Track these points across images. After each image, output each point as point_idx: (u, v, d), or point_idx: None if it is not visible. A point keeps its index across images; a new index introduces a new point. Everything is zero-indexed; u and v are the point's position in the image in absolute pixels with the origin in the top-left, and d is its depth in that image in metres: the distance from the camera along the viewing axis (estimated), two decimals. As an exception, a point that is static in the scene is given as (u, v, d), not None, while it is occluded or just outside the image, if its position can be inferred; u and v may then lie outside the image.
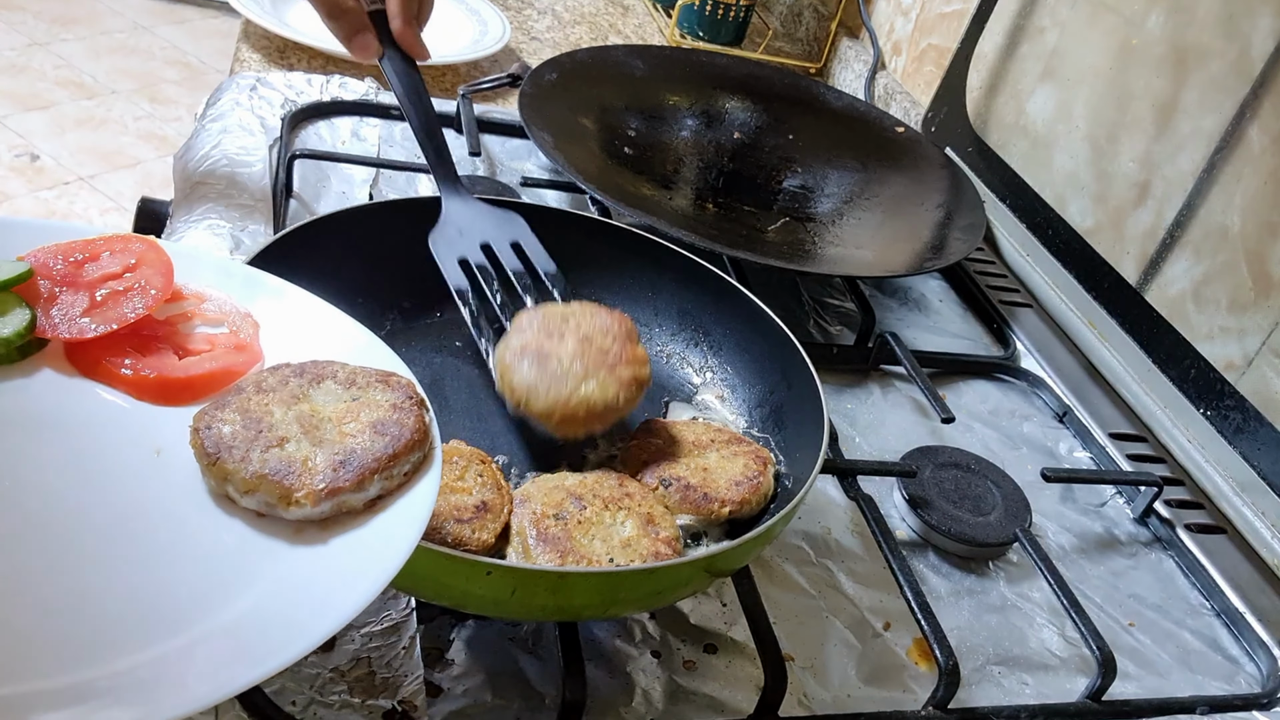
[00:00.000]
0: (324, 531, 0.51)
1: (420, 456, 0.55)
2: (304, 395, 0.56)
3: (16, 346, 0.56)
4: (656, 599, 0.64)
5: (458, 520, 0.61)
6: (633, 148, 1.16)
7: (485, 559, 0.55)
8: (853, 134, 1.27)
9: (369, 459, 0.52)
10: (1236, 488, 0.89)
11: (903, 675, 0.71)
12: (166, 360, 0.58)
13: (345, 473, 0.51)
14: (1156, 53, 1.02)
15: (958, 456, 0.87)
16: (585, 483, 0.67)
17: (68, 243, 0.61)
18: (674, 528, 0.65)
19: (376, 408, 0.55)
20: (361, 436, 0.53)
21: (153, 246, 0.62)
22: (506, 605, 0.57)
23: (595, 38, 1.55)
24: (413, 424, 0.55)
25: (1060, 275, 1.12)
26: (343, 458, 0.52)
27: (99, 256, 0.61)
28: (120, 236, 0.62)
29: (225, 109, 1.07)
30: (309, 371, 0.58)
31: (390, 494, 0.53)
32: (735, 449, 0.72)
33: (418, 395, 0.57)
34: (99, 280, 0.60)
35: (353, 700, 0.57)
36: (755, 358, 0.82)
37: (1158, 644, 0.79)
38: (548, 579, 0.57)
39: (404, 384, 0.58)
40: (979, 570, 0.81)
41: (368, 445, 0.53)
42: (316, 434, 0.54)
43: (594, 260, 0.86)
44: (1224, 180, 0.94)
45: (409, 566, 0.48)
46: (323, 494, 0.50)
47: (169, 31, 3.63)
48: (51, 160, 2.84)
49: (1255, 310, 0.89)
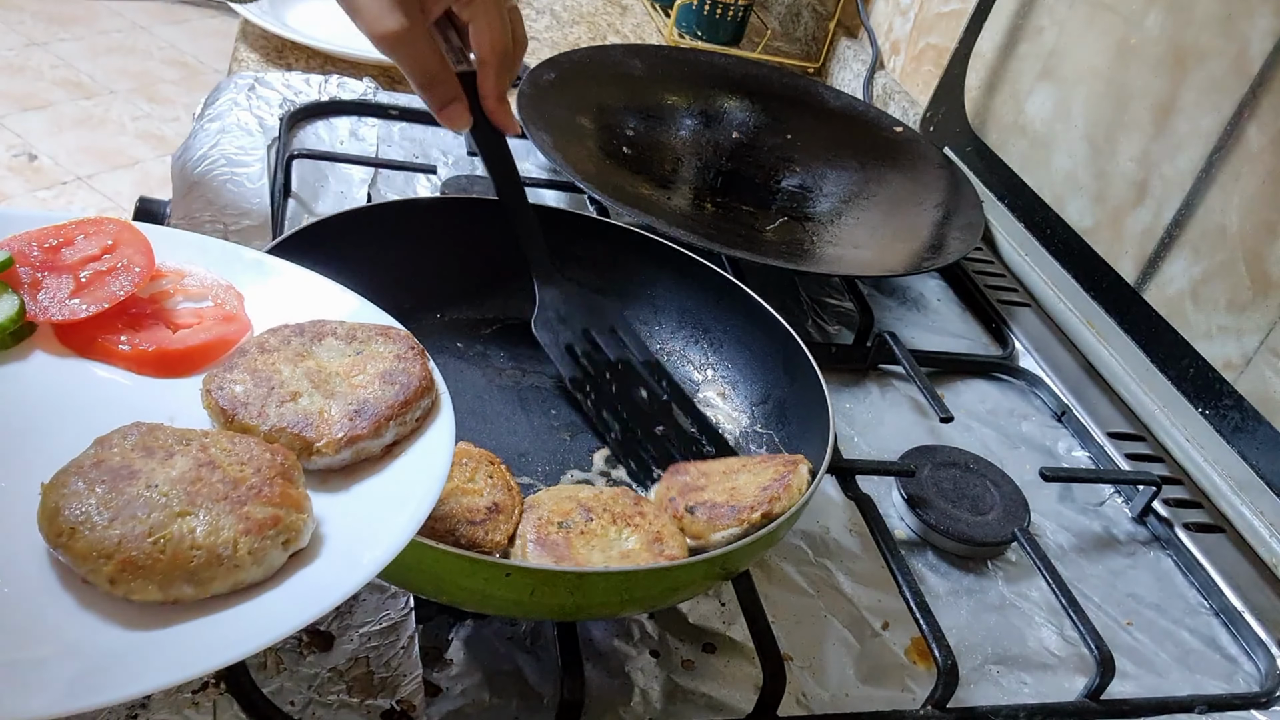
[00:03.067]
0: (348, 479, 0.53)
1: (429, 403, 0.57)
2: (308, 353, 0.58)
3: (10, 333, 0.56)
4: (671, 596, 0.64)
5: (470, 522, 0.61)
6: (631, 147, 1.16)
7: (505, 561, 0.56)
8: (851, 134, 1.27)
9: (382, 406, 0.55)
10: (1235, 487, 0.89)
11: (901, 675, 0.71)
12: (161, 334, 0.59)
13: (361, 421, 0.54)
14: (1155, 52, 1.02)
15: (956, 456, 0.87)
16: (600, 497, 0.66)
17: (39, 229, 0.62)
18: (683, 548, 0.64)
19: (381, 359, 0.58)
20: (372, 387, 0.56)
21: (127, 227, 0.63)
22: (525, 605, 0.57)
23: (593, 37, 1.55)
24: (419, 371, 0.57)
25: (1059, 275, 1.12)
26: (356, 407, 0.54)
27: (74, 240, 0.62)
28: (91, 220, 0.63)
29: (223, 109, 1.07)
30: (309, 330, 0.59)
31: (405, 439, 0.55)
32: (767, 464, 0.69)
33: (418, 345, 0.59)
34: (80, 263, 0.60)
35: (351, 700, 0.57)
36: (756, 354, 0.82)
37: (1156, 643, 0.79)
38: (567, 579, 0.56)
39: (403, 335, 0.60)
40: (977, 570, 0.81)
41: (379, 394, 0.55)
42: (327, 387, 0.56)
43: (592, 259, 0.86)
44: (1222, 180, 0.94)
45: (428, 568, 0.49)
46: (342, 442, 0.53)
47: (167, 31, 3.62)
48: (49, 160, 2.84)
49: (1253, 309, 0.89)
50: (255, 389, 0.55)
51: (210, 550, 0.44)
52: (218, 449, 0.49)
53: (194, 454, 0.48)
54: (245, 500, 0.46)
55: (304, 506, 0.48)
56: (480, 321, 0.85)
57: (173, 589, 0.44)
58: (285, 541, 0.46)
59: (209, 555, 0.44)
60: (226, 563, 0.44)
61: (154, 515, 0.45)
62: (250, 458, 0.49)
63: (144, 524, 0.44)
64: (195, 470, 0.47)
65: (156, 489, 0.46)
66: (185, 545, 0.44)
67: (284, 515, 0.46)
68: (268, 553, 0.45)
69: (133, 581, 0.43)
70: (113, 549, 0.43)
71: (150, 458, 0.48)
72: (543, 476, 0.74)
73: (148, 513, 0.45)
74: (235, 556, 0.45)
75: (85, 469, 0.47)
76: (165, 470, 0.47)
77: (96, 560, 0.43)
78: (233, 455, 0.49)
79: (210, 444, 0.49)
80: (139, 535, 0.44)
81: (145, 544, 0.44)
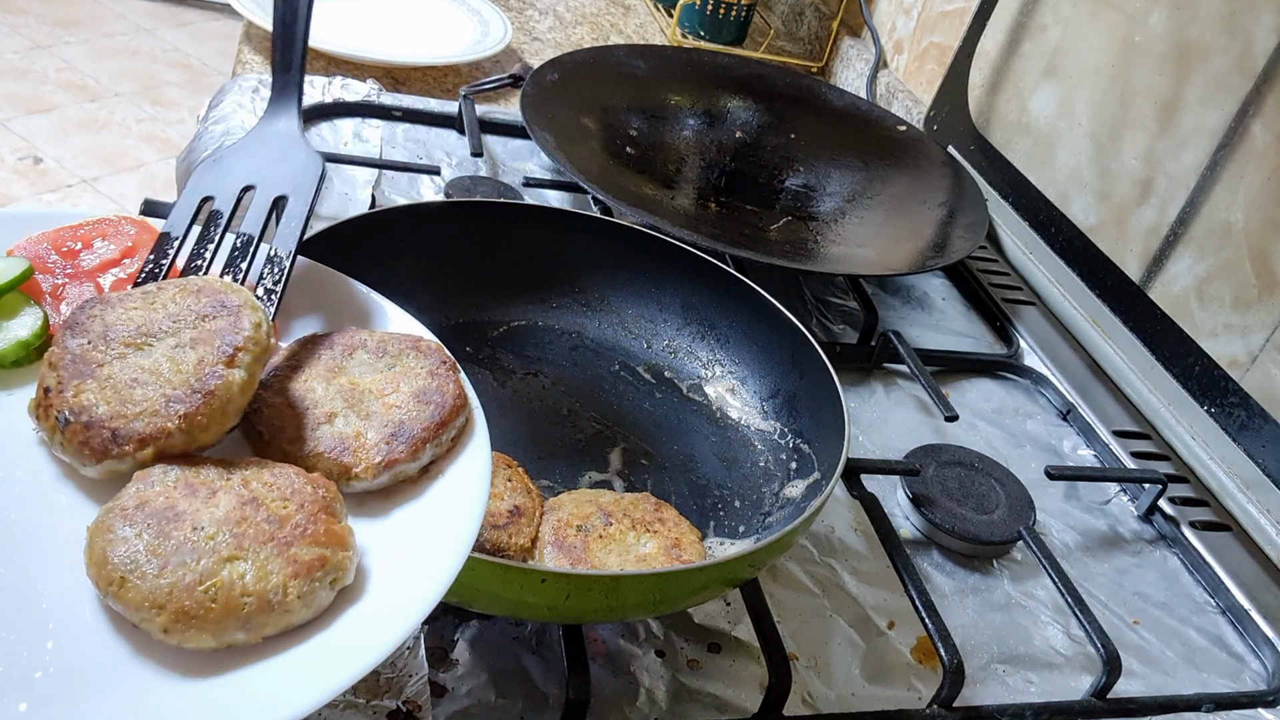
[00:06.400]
0: (386, 501, 0.53)
1: (464, 420, 0.56)
2: (340, 368, 0.57)
3: (35, 348, 0.54)
4: (701, 595, 0.63)
5: (494, 526, 0.61)
6: (635, 148, 1.16)
7: (540, 567, 0.56)
8: (855, 133, 1.27)
9: (418, 429, 0.54)
10: (1241, 485, 0.89)
11: (907, 674, 0.71)
12: None
13: (398, 445, 0.53)
14: (1159, 49, 1.02)
15: (961, 455, 0.87)
16: (620, 501, 0.66)
17: (55, 230, 0.60)
18: (701, 553, 0.64)
19: (414, 376, 0.57)
20: (407, 406, 0.55)
21: (146, 228, 0.61)
22: (560, 610, 0.57)
23: (597, 38, 1.55)
24: (453, 389, 0.56)
25: (1063, 273, 1.11)
26: (393, 429, 0.54)
27: (92, 243, 0.60)
28: (109, 220, 0.61)
29: (228, 111, 1.07)
30: (339, 343, 0.58)
31: (442, 458, 0.55)
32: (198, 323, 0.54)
33: (449, 359, 0.58)
34: (100, 267, 0.59)
35: (357, 700, 0.57)
36: (763, 349, 0.82)
37: (1163, 641, 0.79)
38: (603, 583, 0.56)
39: (434, 348, 0.59)
40: (983, 569, 0.81)
41: (415, 415, 0.54)
42: (362, 407, 0.55)
43: (597, 259, 0.87)
44: (1227, 177, 0.93)
45: (460, 580, 0.48)
46: (380, 467, 0.52)
47: (171, 34, 3.63)
48: (54, 163, 2.84)
49: (1259, 307, 0.89)
50: (291, 410, 0.54)
51: (261, 596, 0.44)
52: (259, 483, 0.49)
53: (236, 489, 0.48)
54: (291, 541, 0.46)
55: (348, 543, 0.48)
56: (488, 324, 0.85)
57: (226, 636, 0.43)
58: (333, 581, 0.46)
59: (259, 601, 0.44)
60: (278, 608, 0.44)
61: (203, 562, 0.44)
62: (293, 492, 0.48)
63: (194, 571, 0.44)
64: (239, 509, 0.47)
65: (203, 532, 0.46)
66: (236, 593, 0.44)
67: (330, 555, 0.46)
68: (316, 594, 0.45)
69: (186, 631, 0.43)
70: (164, 599, 0.43)
71: (194, 496, 0.47)
72: (560, 479, 0.74)
73: (196, 559, 0.44)
74: (285, 602, 0.44)
75: (129, 511, 0.46)
76: (210, 510, 0.47)
77: (149, 610, 0.43)
78: (275, 490, 0.48)
79: (251, 477, 0.49)
80: (190, 584, 0.43)
81: (197, 593, 0.43)
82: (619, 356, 0.85)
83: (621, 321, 0.87)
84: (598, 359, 0.85)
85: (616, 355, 0.86)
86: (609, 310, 0.87)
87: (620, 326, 0.87)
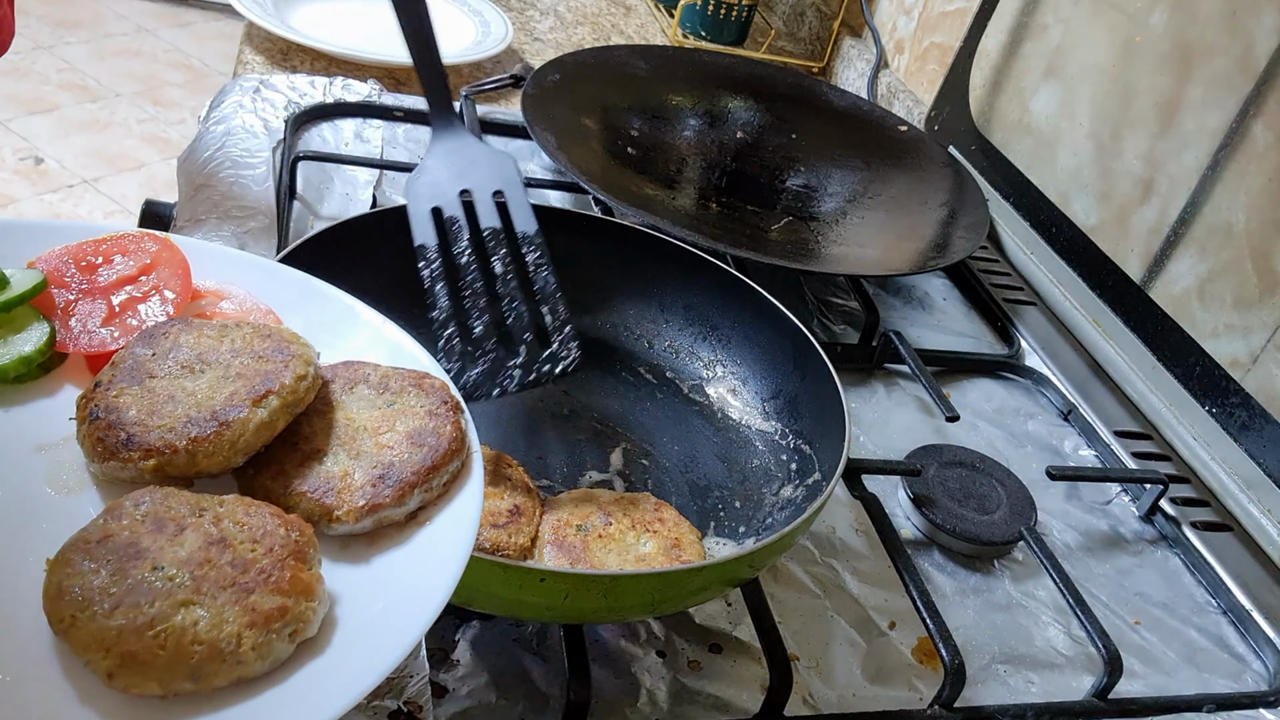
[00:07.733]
0: (370, 547, 0.50)
1: (459, 465, 0.53)
2: (338, 403, 0.55)
3: (39, 364, 0.53)
4: (701, 595, 0.63)
5: (493, 525, 0.61)
6: (636, 148, 1.16)
7: (539, 566, 0.55)
8: (856, 133, 1.27)
9: (407, 472, 0.51)
10: (1242, 485, 0.89)
11: (908, 674, 0.71)
12: None
13: (384, 488, 0.50)
14: (1160, 50, 1.02)
15: (962, 455, 0.87)
16: (620, 501, 0.66)
17: (78, 245, 0.59)
18: (701, 554, 0.64)
19: (412, 415, 0.54)
20: (399, 448, 0.52)
21: (167, 245, 0.60)
22: (558, 610, 0.57)
23: (598, 38, 1.55)
24: (449, 432, 0.53)
25: (1064, 273, 1.11)
26: (381, 472, 0.51)
27: (112, 259, 0.59)
28: (132, 235, 0.60)
29: (229, 111, 1.07)
30: (341, 375, 0.56)
31: (430, 505, 0.51)
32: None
33: (453, 399, 0.55)
34: (115, 285, 0.58)
35: (358, 701, 0.57)
36: (764, 350, 0.82)
37: (1164, 642, 0.79)
38: (602, 582, 0.56)
39: (438, 387, 0.55)
40: (984, 569, 0.81)
41: (405, 457, 0.51)
42: (353, 445, 0.53)
43: (598, 260, 0.87)
44: (1228, 177, 0.93)
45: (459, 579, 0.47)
46: (364, 511, 0.50)
47: (172, 34, 3.63)
48: (55, 163, 2.85)
49: (1260, 307, 0.89)
50: (280, 444, 0.52)
51: (212, 645, 0.42)
52: (231, 522, 0.46)
53: (205, 528, 0.45)
54: (253, 587, 0.43)
55: (314, 592, 0.45)
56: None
57: (173, 684, 0.41)
58: (292, 633, 0.43)
59: (210, 650, 0.41)
60: (229, 659, 0.42)
61: (157, 604, 0.42)
62: (264, 534, 0.46)
63: (145, 614, 0.42)
64: (204, 550, 0.44)
65: (162, 572, 0.43)
66: (187, 640, 0.41)
67: (292, 605, 0.44)
68: (272, 646, 0.43)
69: (131, 676, 0.41)
70: (112, 641, 0.41)
71: (160, 533, 0.45)
72: (560, 479, 0.74)
73: (151, 601, 0.42)
74: (239, 652, 0.42)
75: (91, 545, 0.44)
76: (173, 549, 0.44)
77: (95, 652, 0.41)
78: (246, 530, 0.46)
79: (224, 515, 0.47)
80: (140, 627, 0.41)
81: (146, 637, 0.41)
82: (620, 356, 0.86)
83: (623, 321, 0.87)
84: (599, 359, 0.85)
85: (618, 355, 0.86)
86: (610, 310, 0.87)
87: (621, 326, 0.87)
